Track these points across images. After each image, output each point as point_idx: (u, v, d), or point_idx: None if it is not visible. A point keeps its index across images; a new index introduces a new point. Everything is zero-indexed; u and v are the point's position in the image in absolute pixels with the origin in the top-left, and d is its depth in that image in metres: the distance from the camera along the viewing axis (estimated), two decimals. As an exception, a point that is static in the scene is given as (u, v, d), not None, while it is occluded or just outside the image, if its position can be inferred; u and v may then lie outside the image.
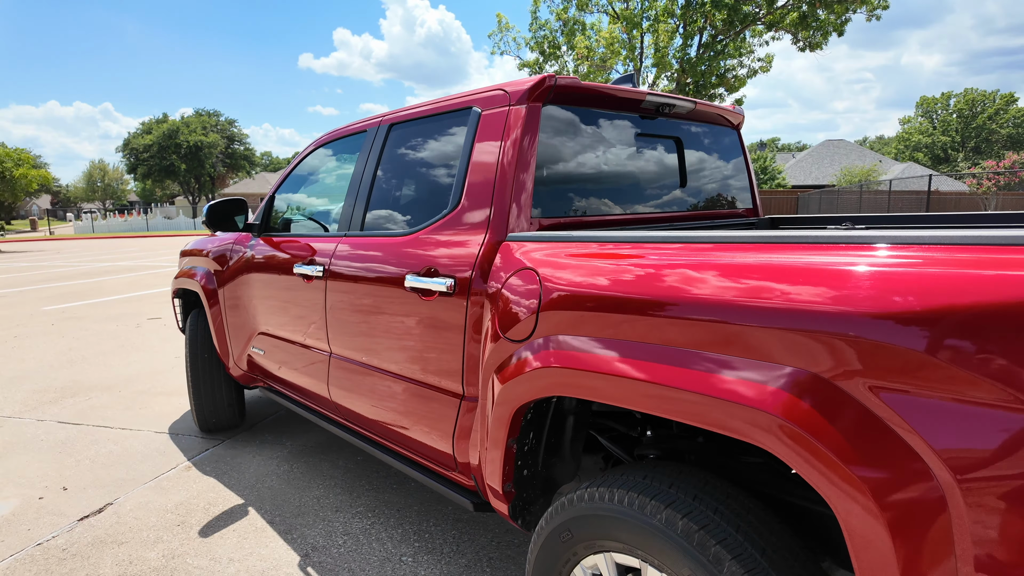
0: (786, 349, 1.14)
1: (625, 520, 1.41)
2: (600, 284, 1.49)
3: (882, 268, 1.08)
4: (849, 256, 1.14)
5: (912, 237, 1.10)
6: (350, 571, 2.51)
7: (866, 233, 1.16)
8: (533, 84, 1.96)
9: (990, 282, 0.94)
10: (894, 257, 1.09)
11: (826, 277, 1.12)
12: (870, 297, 1.05)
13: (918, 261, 1.06)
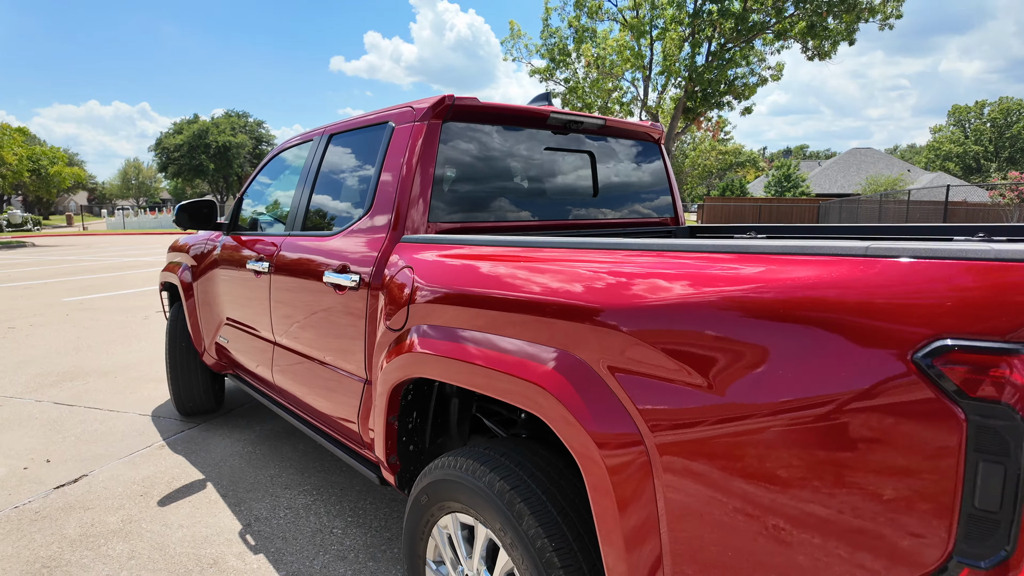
0: (554, 335, 1.36)
1: (463, 484, 1.63)
2: (447, 280, 1.72)
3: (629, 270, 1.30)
4: (613, 260, 1.35)
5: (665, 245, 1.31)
6: (283, 539, 2.77)
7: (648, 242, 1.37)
8: (434, 103, 2.21)
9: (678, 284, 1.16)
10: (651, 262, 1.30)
11: (587, 277, 1.34)
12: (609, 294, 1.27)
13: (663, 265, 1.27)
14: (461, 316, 1.65)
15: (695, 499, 1.13)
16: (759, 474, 1.05)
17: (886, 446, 0.92)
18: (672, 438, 1.15)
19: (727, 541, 1.10)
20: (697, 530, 1.14)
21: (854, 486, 0.95)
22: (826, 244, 1.06)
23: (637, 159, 3.01)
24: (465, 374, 1.59)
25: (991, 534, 0.85)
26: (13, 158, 23.25)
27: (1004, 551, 0.84)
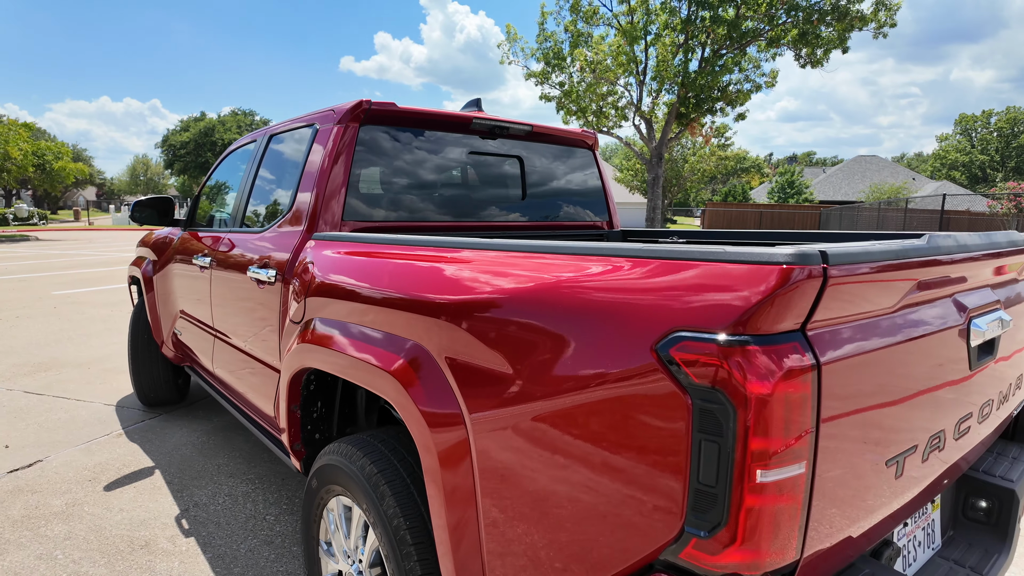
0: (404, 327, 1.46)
1: (341, 468, 1.73)
2: (333, 276, 1.83)
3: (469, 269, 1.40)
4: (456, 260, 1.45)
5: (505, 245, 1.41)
6: (217, 524, 2.88)
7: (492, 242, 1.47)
8: (352, 106, 2.31)
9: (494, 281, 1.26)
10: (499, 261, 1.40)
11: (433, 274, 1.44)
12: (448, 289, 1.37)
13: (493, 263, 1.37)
14: (341, 309, 1.76)
15: (497, 468, 1.23)
16: (542, 450, 1.14)
17: (637, 428, 1.02)
18: (482, 424, 1.25)
19: (524, 507, 1.20)
20: (502, 496, 1.24)
21: (614, 464, 1.05)
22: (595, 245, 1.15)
23: (571, 164, 3.10)
24: (338, 363, 1.70)
25: (711, 507, 0.94)
26: (18, 153, 23.55)
27: (720, 522, 0.93)
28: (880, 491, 1.14)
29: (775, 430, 0.90)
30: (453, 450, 1.31)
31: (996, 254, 1.39)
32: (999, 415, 1.64)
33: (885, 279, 1.04)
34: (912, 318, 1.16)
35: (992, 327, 1.36)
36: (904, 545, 1.46)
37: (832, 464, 0.99)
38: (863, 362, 1.03)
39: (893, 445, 1.13)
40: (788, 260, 0.90)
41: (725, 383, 0.91)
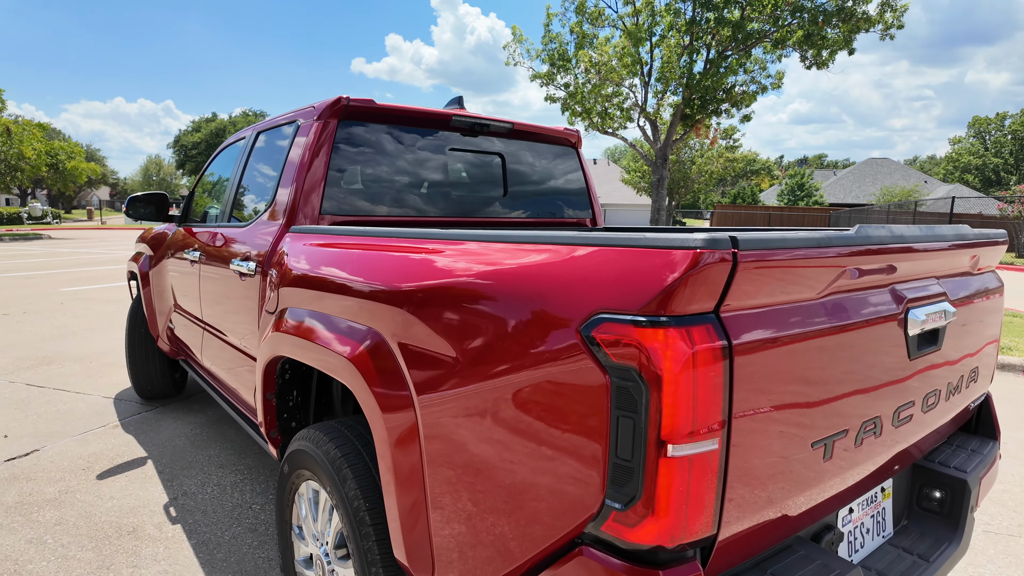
0: (362, 315, 1.51)
1: (309, 453, 1.78)
2: (302, 267, 1.88)
3: (421, 257, 1.45)
4: (406, 249, 1.50)
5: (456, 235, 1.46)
6: (203, 512, 2.94)
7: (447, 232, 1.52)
8: (330, 103, 2.37)
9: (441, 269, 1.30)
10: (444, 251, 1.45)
11: (386, 264, 1.49)
12: (399, 278, 1.42)
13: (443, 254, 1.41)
14: (308, 298, 1.81)
15: (445, 452, 1.28)
16: (481, 428, 1.19)
17: (564, 406, 1.06)
18: (429, 404, 1.29)
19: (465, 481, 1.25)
20: (446, 472, 1.28)
21: (545, 441, 1.09)
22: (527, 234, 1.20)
23: (554, 162, 3.14)
24: (305, 351, 1.75)
25: (628, 480, 0.98)
26: (32, 153, 23.89)
27: (636, 495, 0.97)
28: (808, 473, 1.17)
29: (686, 407, 0.94)
30: (401, 428, 1.36)
31: (938, 248, 1.41)
32: (950, 406, 1.66)
33: (804, 266, 1.08)
34: (841, 305, 1.19)
35: (932, 318, 1.39)
36: (850, 531, 1.49)
37: (749, 442, 1.03)
38: (784, 345, 1.06)
39: (820, 428, 1.16)
40: (699, 245, 0.94)
41: (639, 362, 0.95)
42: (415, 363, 1.35)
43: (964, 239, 1.57)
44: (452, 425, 1.26)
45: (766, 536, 1.17)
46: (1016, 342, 6.63)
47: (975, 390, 1.85)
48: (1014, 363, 5.87)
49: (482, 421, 1.20)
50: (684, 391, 0.94)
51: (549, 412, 1.09)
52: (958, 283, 1.61)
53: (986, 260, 1.81)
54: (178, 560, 2.55)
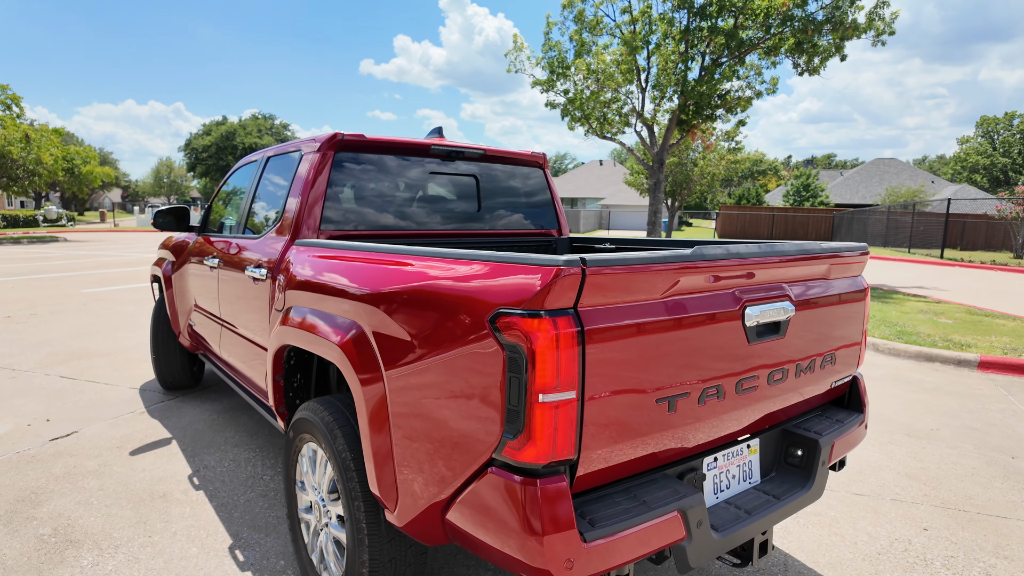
0: (348, 311, 2.01)
1: (310, 420, 2.28)
2: (304, 273, 2.38)
3: (386, 267, 1.94)
4: (395, 260, 1.99)
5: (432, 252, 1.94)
6: (222, 482, 3.45)
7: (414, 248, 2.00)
8: (328, 138, 2.87)
9: (402, 276, 1.80)
10: (403, 262, 1.93)
11: (365, 271, 1.99)
12: (375, 282, 1.91)
13: (421, 267, 1.90)
14: (310, 298, 2.31)
15: (403, 413, 1.77)
16: (425, 389, 1.68)
17: (479, 371, 1.54)
18: (394, 376, 1.79)
19: (417, 428, 1.74)
20: (405, 425, 1.77)
21: (468, 395, 1.58)
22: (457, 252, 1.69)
23: (522, 181, 3.63)
24: (305, 340, 2.25)
25: (516, 419, 1.46)
26: (49, 158, 24.63)
27: (521, 428, 1.45)
28: (656, 421, 1.65)
29: (552, 370, 1.42)
30: (375, 394, 1.85)
31: (770, 261, 1.88)
32: (805, 382, 2.13)
33: (645, 276, 1.55)
34: (681, 303, 1.67)
35: (768, 313, 1.86)
36: (715, 475, 1.96)
37: (600, 395, 1.51)
38: (628, 330, 1.54)
39: (662, 389, 1.64)
40: (560, 264, 1.42)
41: (522, 340, 1.44)
42: (384, 346, 1.84)
43: (807, 252, 2.04)
44: (408, 389, 1.75)
45: (628, 466, 1.65)
46: (975, 340, 7.04)
47: (836, 372, 2.31)
48: (969, 359, 6.29)
49: (427, 385, 1.69)
50: (550, 360, 1.42)
51: (469, 375, 1.57)
52: (805, 287, 2.08)
53: (845, 270, 2.28)
54: (201, 517, 3.06)
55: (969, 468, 3.81)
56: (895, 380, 5.82)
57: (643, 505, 1.62)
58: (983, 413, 4.89)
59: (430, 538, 1.82)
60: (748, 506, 1.96)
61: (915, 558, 2.80)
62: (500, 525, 1.52)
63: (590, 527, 1.51)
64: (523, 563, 1.49)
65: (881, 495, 3.41)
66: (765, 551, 2.01)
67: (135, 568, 2.61)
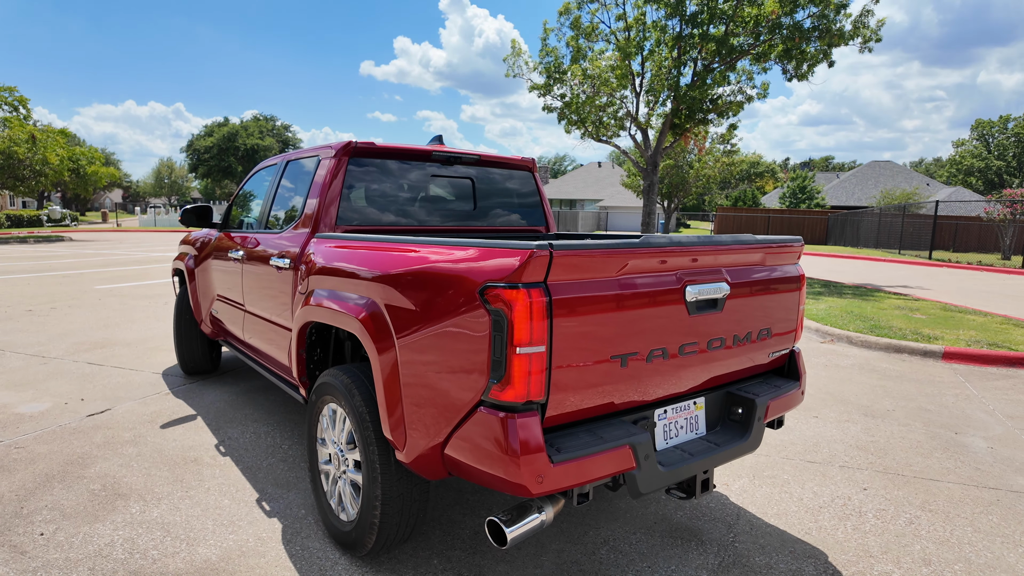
0: (365, 290, 2.45)
1: (330, 383, 2.71)
2: (326, 261, 2.82)
3: (397, 253, 2.38)
4: (400, 248, 2.43)
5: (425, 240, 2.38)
6: (245, 450, 3.88)
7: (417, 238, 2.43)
8: (343, 145, 3.30)
9: (407, 262, 2.24)
10: (412, 248, 2.37)
11: (380, 256, 2.43)
12: (386, 266, 2.35)
13: (412, 249, 2.34)
14: (330, 282, 2.75)
15: (411, 369, 2.21)
16: (429, 348, 2.12)
17: (470, 331, 1.98)
18: (403, 340, 2.22)
19: (423, 379, 2.17)
20: (412, 379, 2.21)
21: (461, 351, 2.01)
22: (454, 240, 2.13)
23: (514, 182, 4.06)
24: (328, 317, 2.68)
25: (499, 368, 1.90)
26: (55, 159, 25.06)
27: (503, 375, 1.89)
28: (611, 373, 2.08)
29: (525, 328, 1.86)
30: (388, 356, 2.29)
31: (706, 250, 2.31)
32: (743, 351, 2.56)
33: (600, 258, 1.99)
34: (632, 281, 2.10)
35: (705, 292, 2.29)
36: (665, 424, 2.39)
37: (564, 349, 1.94)
38: (588, 300, 1.98)
39: (615, 347, 2.07)
40: (534, 247, 1.85)
41: (504, 306, 1.87)
42: (395, 317, 2.27)
43: (741, 243, 2.47)
44: (414, 350, 2.18)
45: (590, 411, 2.09)
46: (943, 333, 7.48)
47: (773, 345, 2.74)
48: (935, 350, 6.73)
49: (430, 346, 2.12)
50: (525, 321, 1.86)
51: (463, 336, 2.00)
52: (741, 271, 2.51)
53: (779, 258, 2.72)
54: (230, 476, 3.49)
55: (914, 441, 4.24)
56: (862, 369, 6.26)
57: (600, 439, 2.06)
58: (938, 397, 5.33)
59: (432, 472, 2.25)
60: (692, 450, 2.40)
61: (851, 511, 3.23)
62: (487, 452, 1.96)
63: (557, 452, 1.95)
64: (505, 480, 1.93)
65: (831, 462, 3.85)
66: (707, 488, 2.44)
67: (177, 515, 3.04)
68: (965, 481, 3.62)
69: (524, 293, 1.86)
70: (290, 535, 2.88)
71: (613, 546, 2.84)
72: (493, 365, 1.92)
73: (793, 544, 2.89)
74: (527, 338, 1.86)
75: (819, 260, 22.68)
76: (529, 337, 1.87)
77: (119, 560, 2.64)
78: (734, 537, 2.95)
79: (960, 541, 2.95)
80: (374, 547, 2.52)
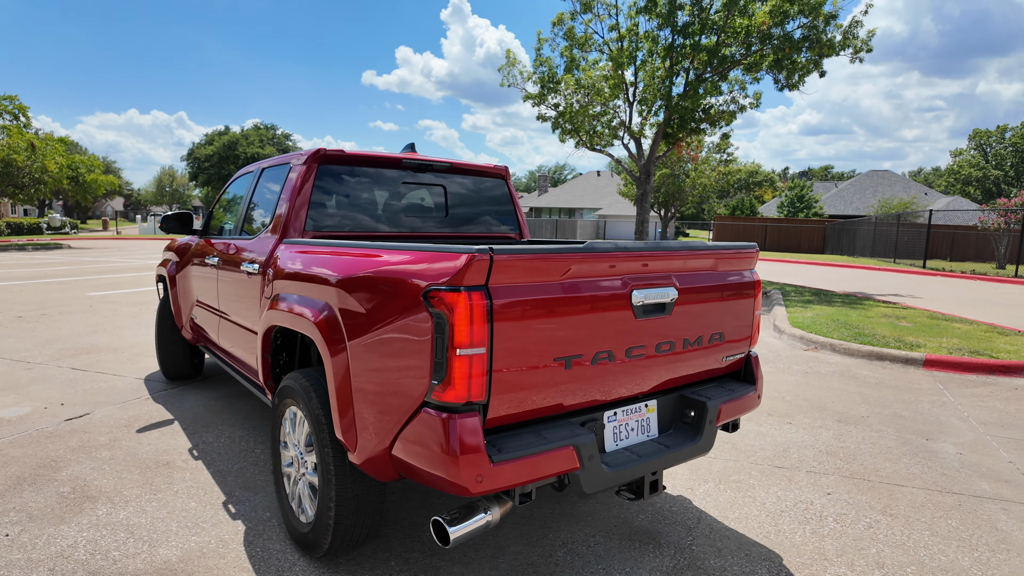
0: (321, 294, 2.50)
1: (291, 386, 2.75)
2: (287, 266, 2.87)
3: (347, 258, 2.43)
4: (346, 253, 2.48)
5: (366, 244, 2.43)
6: (218, 453, 3.91)
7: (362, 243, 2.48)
8: (312, 153, 3.36)
9: (356, 265, 2.29)
10: (366, 253, 2.42)
11: (336, 262, 2.48)
12: (342, 270, 2.40)
13: (362, 254, 2.39)
14: (291, 286, 2.80)
15: (361, 372, 2.25)
16: (376, 349, 2.16)
17: (414, 335, 2.02)
18: (354, 343, 2.27)
19: (371, 381, 2.21)
20: (362, 381, 2.25)
21: (407, 353, 2.06)
22: (401, 244, 2.18)
23: (487, 190, 4.12)
24: (289, 320, 2.73)
25: (440, 369, 1.94)
26: (54, 167, 25.21)
27: (444, 376, 1.93)
28: (555, 375, 2.12)
29: (465, 331, 1.90)
30: (340, 359, 2.33)
31: (651, 255, 2.36)
32: (690, 354, 2.60)
33: (542, 262, 2.04)
34: (576, 284, 2.15)
35: (652, 296, 2.34)
36: (615, 426, 2.43)
37: (505, 351, 1.98)
38: (531, 303, 2.02)
39: (560, 350, 2.11)
40: (475, 251, 1.90)
41: (445, 308, 1.92)
42: (347, 320, 2.32)
43: (689, 249, 2.52)
44: (366, 351, 2.23)
45: (535, 412, 2.13)
46: (927, 341, 7.52)
47: (727, 349, 2.79)
48: (916, 357, 6.77)
49: (379, 348, 2.17)
50: (465, 323, 1.90)
51: (408, 338, 2.05)
52: (691, 277, 2.56)
53: (733, 264, 2.76)
54: (199, 480, 3.52)
55: (884, 447, 4.27)
56: (842, 376, 6.29)
57: (544, 440, 2.10)
58: (914, 403, 5.36)
59: (382, 473, 2.29)
60: (642, 452, 2.43)
61: (812, 515, 3.26)
62: (429, 451, 2.00)
63: (498, 452, 1.99)
64: (446, 479, 1.97)
65: (798, 467, 3.88)
66: (656, 489, 2.48)
67: (142, 517, 3.07)
68: (930, 486, 3.65)
69: (465, 296, 1.90)
70: (252, 536, 2.91)
71: (571, 548, 2.87)
72: (435, 367, 1.96)
73: (750, 547, 2.92)
74: (467, 340, 1.91)
75: (813, 268, 22.72)
76: (469, 339, 1.91)
77: (80, 561, 2.67)
78: (692, 540, 2.98)
79: (916, 544, 2.98)
80: (330, 548, 2.56)
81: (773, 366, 6.66)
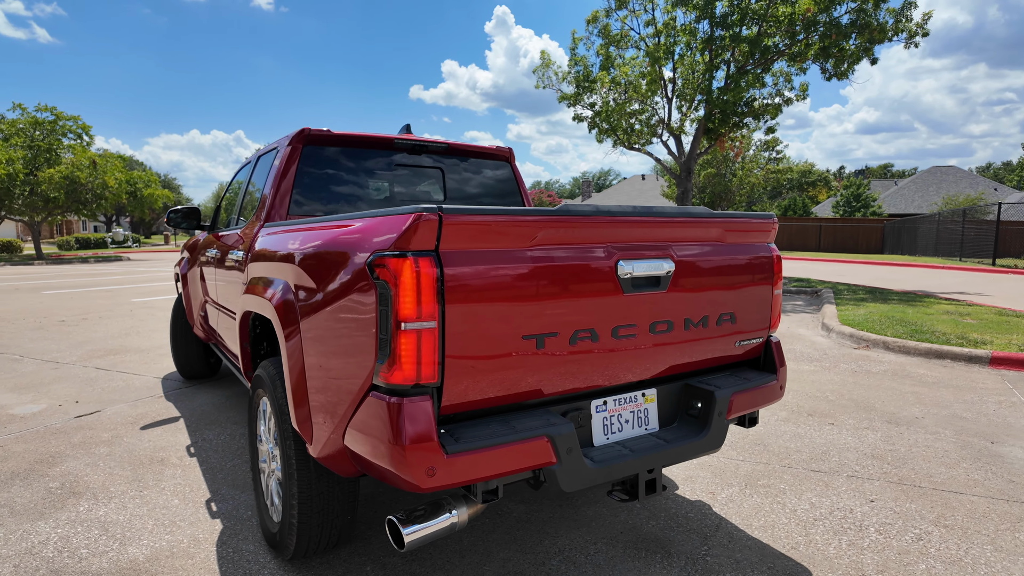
0: (279, 272, 2.30)
1: (260, 376, 2.57)
2: (263, 246, 2.69)
3: (311, 232, 2.22)
4: (317, 227, 2.28)
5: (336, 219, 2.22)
6: (215, 451, 3.78)
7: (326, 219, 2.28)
8: (297, 133, 3.20)
9: (310, 240, 2.07)
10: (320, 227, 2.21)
11: (293, 238, 2.27)
12: (297, 245, 2.19)
13: (319, 228, 2.18)
14: (261, 268, 2.61)
15: (314, 352, 2.03)
16: (327, 325, 1.94)
17: (361, 308, 1.79)
18: (305, 323, 2.06)
19: (323, 358, 1.99)
20: (314, 364, 2.03)
21: (356, 327, 1.83)
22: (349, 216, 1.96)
23: (491, 173, 3.88)
24: (256, 304, 2.55)
25: (386, 347, 1.70)
26: (114, 182, 26.39)
27: (389, 355, 1.69)
28: (526, 356, 1.85)
29: (410, 302, 1.66)
30: (295, 342, 2.12)
31: (640, 221, 2.06)
32: (694, 337, 2.27)
33: (503, 227, 1.77)
34: (546, 252, 1.87)
35: (641, 267, 2.04)
36: (605, 418, 2.14)
37: (461, 326, 1.73)
38: (492, 272, 1.76)
39: (529, 326, 1.84)
40: (420, 210, 1.66)
41: (388, 277, 1.68)
42: (300, 298, 2.11)
43: (689, 216, 2.21)
44: (316, 331, 2.01)
45: (505, 398, 1.86)
46: (994, 338, 6.84)
47: (739, 332, 2.44)
48: (981, 355, 6.13)
49: (329, 326, 1.95)
50: (411, 293, 1.66)
51: (355, 314, 1.82)
52: (692, 248, 2.24)
53: (744, 236, 2.43)
54: (189, 477, 3.38)
55: (940, 451, 3.79)
56: (895, 375, 5.74)
57: (512, 430, 1.82)
58: (978, 404, 4.80)
59: (342, 468, 2.07)
60: (636, 447, 2.12)
61: (851, 524, 2.86)
62: (377, 441, 1.75)
63: (454, 442, 1.73)
64: (395, 473, 1.72)
65: (838, 472, 3.46)
66: (653, 490, 2.16)
67: (122, 514, 2.94)
68: (994, 494, 3.18)
69: (411, 262, 1.66)
70: (227, 536, 2.73)
71: (567, 556, 2.57)
72: (380, 344, 1.72)
73: (774, 560, 2.56)
74: (414, 313, 1.67)
75: (870, 268, 21.52)
76: (416, 312, 1.67)
77: (46, 558, 2.54)
78: (707, 550, 2.63)
79: (975, 560, 2.55)
80: (296, 550, 2.35)
81: (817, 364, 6.16)
